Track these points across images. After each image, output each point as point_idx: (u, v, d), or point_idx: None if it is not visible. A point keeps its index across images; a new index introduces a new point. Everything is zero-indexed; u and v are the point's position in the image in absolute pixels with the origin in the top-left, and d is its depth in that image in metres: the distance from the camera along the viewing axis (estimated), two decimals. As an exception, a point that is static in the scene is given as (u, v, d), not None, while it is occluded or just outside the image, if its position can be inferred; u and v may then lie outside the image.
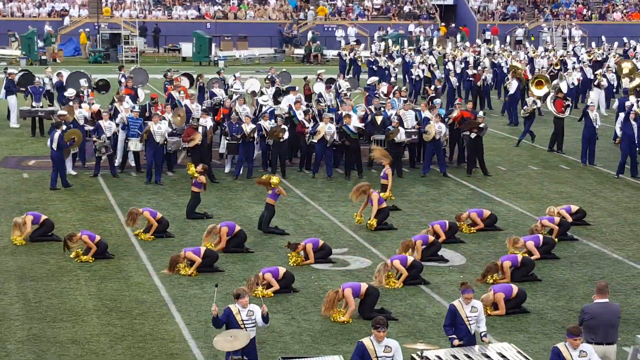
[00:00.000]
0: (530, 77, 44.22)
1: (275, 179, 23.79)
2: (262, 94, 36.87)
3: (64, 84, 38.65)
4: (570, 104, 35.38)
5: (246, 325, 15.14)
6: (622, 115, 32.09)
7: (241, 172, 30.20)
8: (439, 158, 30.98)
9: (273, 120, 30.90)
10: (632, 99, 34.69)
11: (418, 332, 17.95)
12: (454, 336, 15.49)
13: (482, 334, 15.74)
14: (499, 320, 18.68)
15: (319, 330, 18.11)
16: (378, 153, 27.79)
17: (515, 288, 19.18)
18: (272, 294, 19.69)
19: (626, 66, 48.34)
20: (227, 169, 30.89)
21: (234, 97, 34.84)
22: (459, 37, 68.75)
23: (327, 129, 30.23)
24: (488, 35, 71.20)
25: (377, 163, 29.27)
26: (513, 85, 41.50)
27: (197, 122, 30.04)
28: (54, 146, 28.32)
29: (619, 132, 32.17)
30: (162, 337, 17.69)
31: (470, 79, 44.61)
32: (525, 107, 36.09)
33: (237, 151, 30.37)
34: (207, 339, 17.20)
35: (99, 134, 29.69)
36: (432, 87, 41.46)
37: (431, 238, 22.52)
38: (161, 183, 29.12)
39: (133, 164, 30.99)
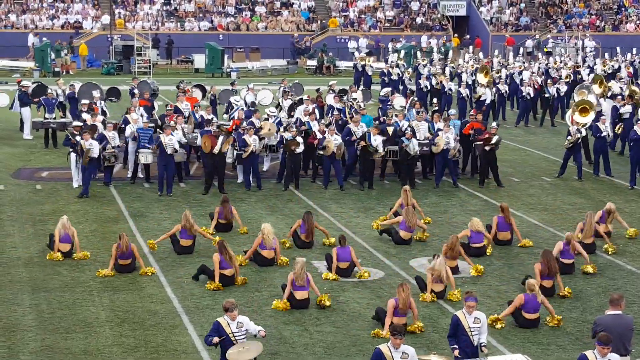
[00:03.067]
0: (543, 87, 44.26)
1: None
2: (278, 105, 36.94)
3: (76, 95, 38.72)
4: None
5: (236, 337, 15.28)
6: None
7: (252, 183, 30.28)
8: (449, 169, 31.02)
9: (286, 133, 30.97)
10: None
11: (431, 343, 17.91)
12: (455, 346, 15.54)
13: (482, 344, 15.75)
14: (512, 331, 18.64)
15: (331, 341, 18.07)
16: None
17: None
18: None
19: None
20: (239, 179, 30.88)
21: (234, 106, 35.06)
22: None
23: (333, 140, 30.28)
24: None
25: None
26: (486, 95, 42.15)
27: (218, 130, 30.01)
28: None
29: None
30: (175, 348, 17.69)
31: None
32: (568, 137, 32.21)
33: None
34: (219, 350, 17.16)
35: (104, 144, 29.78)
36: (435, 101, 41.60)
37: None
38: (171, 194, 29.07)
39: (142, 175, 31.03)
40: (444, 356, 15.27)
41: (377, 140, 30.32)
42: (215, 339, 15.27)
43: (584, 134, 32.61)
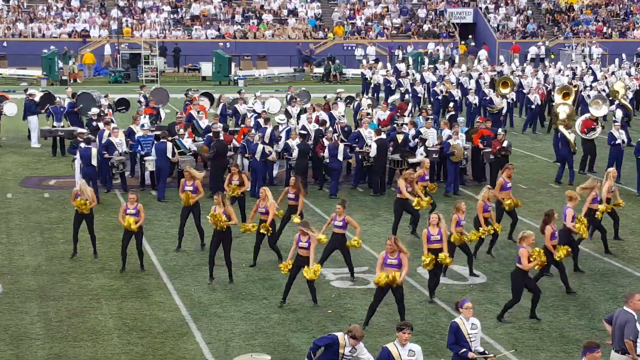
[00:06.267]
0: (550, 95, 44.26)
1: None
2: (285, 112, 37.00)
3: (76, 105, 38.68)
4: (597, 129, 34.69)
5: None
6: None
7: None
8: (456, 175, 31.16)
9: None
10: None
11: (439, 350, 17.90)
12: (465, 350, 15.31)
13: (482, 353, 15.53)
14: (520, 338, 18.63)
15: (339, 349, 18.04)
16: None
17: None
18: None
19: None
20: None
21: (248, 115, 35.05)
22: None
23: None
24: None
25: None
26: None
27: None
28: (94, 162, 28.88)
29: None
30: (183, 356, 17.70)
31: (487, 98, 44.63)
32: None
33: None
34: (228, 358, 17.19)
35: (110, 151, 30.08)
36: (452, 105, 41.53)
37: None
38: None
39: (148, 182, 31.14)
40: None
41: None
42: None
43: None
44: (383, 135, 31.21)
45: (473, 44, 75.02)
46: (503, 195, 25.23)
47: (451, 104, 42.07)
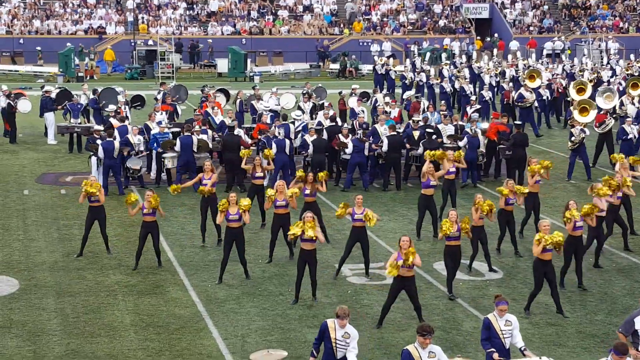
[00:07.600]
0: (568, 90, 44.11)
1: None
2: (299, 108, 36.96)
3: (98, 101, 38.80)
4: (609, 122, 34.73)
5: (338, 346, 15.00)
6: None
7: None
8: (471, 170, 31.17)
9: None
10: None
11: (455, 346, 17.87)
12: (493, 349, 15.30)
13: (522, 348, 15.52)
14: (537, 334, 18.59)
15: (356, 344, 18.05)
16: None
17: None
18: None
19: None
20: (265, 182, 30.79)
21: (264, 113, 35.02)
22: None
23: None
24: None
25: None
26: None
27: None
28: (115, 154, 29.41)
29: None
30: (200, 352, 17.72)
31: (502, 92, 44.58)
32: (572, 139, 32.69)
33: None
34: (244, 353, 17.21)
35: (130, 148, 30.18)
36: (474, 99, 41.44)
37: None
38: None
39: (164, 177, 31.19)
40: (468, 359, 15.19)
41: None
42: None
43: (587, 133, 32.65)
44: (396, 132, 31.21)
45: (492, 39, 74.69)
46: (535, 189, 25.30)
47: (473, 98, 41.84)
